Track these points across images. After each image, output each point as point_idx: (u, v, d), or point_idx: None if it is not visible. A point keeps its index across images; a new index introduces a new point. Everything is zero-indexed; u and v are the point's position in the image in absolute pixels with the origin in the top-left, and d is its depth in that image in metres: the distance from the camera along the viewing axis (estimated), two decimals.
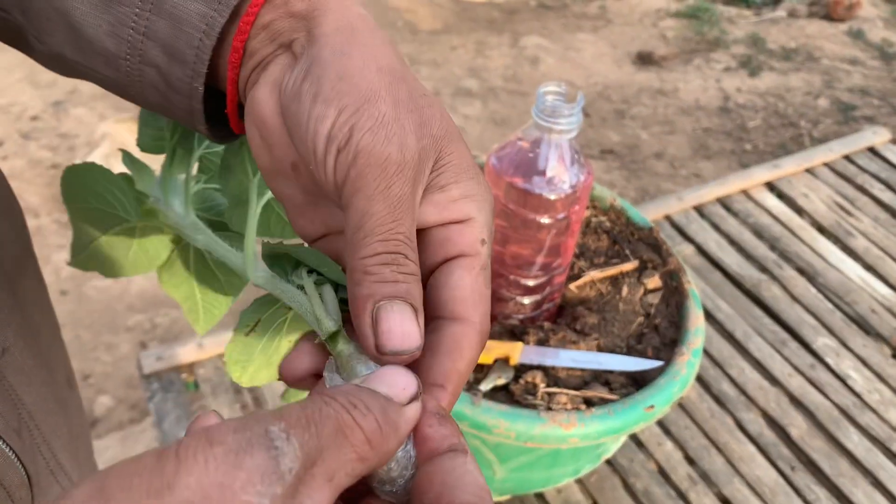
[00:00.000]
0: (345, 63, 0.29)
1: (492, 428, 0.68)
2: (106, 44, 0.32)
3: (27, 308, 0.44)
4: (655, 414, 0.71)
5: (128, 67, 0.32)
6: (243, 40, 0.31)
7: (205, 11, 0.30)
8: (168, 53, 0.31)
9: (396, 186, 0.27)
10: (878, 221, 1.38)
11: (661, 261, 0.84)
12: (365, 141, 0.28)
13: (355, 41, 0.30)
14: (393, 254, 0.27)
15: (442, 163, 0.29)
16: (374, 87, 0.29)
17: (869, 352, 1.16)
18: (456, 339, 0.28)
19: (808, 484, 1.00)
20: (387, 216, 0.27)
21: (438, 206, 0.29)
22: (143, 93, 0.33)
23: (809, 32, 3.11)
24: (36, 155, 2.36)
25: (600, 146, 2.50)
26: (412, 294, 0.27)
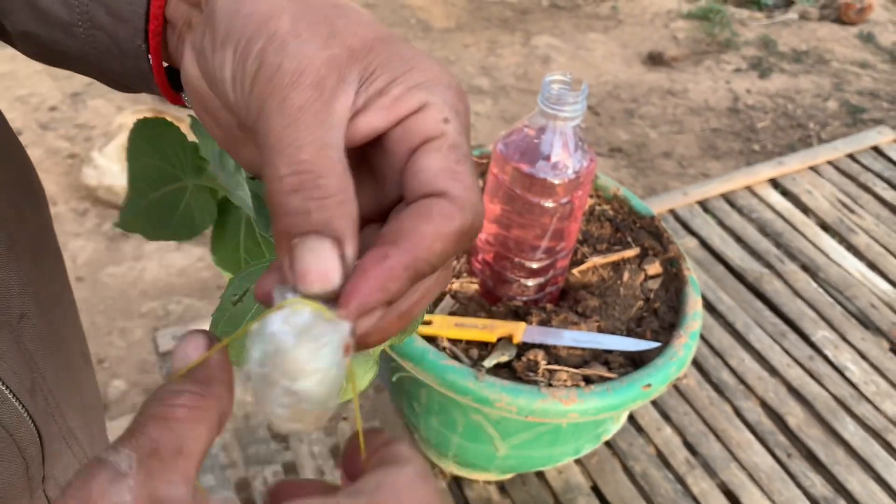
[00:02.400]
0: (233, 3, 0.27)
1: (494, 402, 0.71)
2: (59, 12, 0.32)
3: (46, 280, 0.45)
4: (652, 392, 0.74)
5: (83, 34, 0.32)
6: (161, 6, 0.30)
7: None
8: (112, 14, 0.31)
9: (293, 97, 0.24)
10: (879, 219, 1.40)
11: (662, 248, 0.87)
12: (255, 63, 0.25)
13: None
14: (300, 174, 0.24)
15: (371, 69, 0.26)
16: (270, 10, 0.26)
17: (867, 345, 1.18)
18: (423, 204, 0.25)
19: (803, 471, 1.02)
20: (286, 129, 0.24)
21: (384, 108, 0.26)
22: (102, 61, 0.33)
23: (820, 35, 3.13)
24: (54, 145, 2.40)
25: (609, 144, 2.53)
26: (330, 224, 0.24)
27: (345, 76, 0.26)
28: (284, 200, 0.24)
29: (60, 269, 0.50)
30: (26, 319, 0.41)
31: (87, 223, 2.15)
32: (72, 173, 2.29)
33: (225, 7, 0.27)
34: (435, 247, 0.24)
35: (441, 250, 0.24)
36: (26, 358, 0.41)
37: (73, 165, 2.32)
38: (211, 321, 0.36)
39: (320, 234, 0.24)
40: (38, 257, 0.44)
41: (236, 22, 0.26)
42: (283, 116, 0.24)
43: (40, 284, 0.44)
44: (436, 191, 0.25)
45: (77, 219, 2.16)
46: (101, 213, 2.19)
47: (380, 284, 0.23)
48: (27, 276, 0.41)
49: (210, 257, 0.49)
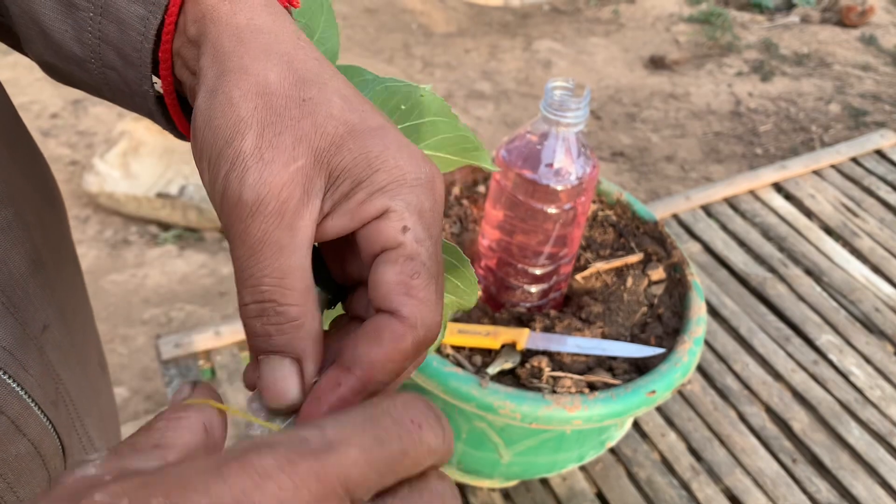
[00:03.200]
0: (212, 104, 0.27)
1: (498, 409, 0.70)
2: (73, 48, 0.32)
3: (66, 291, 0.45)
4: (656, 399, 0.73)
5: (95, 70, 0.33)
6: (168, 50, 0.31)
7: (143, 13, 0.30)
8: (122, 56, 0.31)
9: (254, 227, 0.26)
10: (883, 223, 1.39)
11: (666, 253, 0.87)
12: (220, 187, 0.26)
13: (227, 69, 0.28)
14: (261, 303, 0.26)
15: (337, 173, 0.27)
16: (235, 126, 0.27)
17: (872, 349, 1.17)
18: (375, 326, 0.26)
19: (808, 476, 1.02)
20: (248, 261, 0.26)
21: (348, 213, 0.27)
22: (116, 97, 0.34)
23: (822, 38, 3.13)
24: (55, 152, 2.40)
25: (611, 148, 2.53)
26: (290, 345, 0.26)
27: (310, 189, 0.26)
28: (249, 324, 0.26)
29: (79, 279, 0.50)
30: (48, 331, 0.41)
31: (88, 230, 2.15)
32: (73, 180, 2.29)
33: (201, 113, 0.28)
34: (386, 368, 0.26)
35: (392, 369, 0.26)
36: (49, 369, 0.41)
37: (75, 172, 2.32)
38: None
39: (282, 354, 0.26)
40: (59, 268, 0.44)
41: (207, 135, 0.27)
42: (244, 247, 0.26)
43: (61, 295, 0.44)
44: (389, 308, 0.26)
45: (79, 226, 2.16)
46: (103, 219, 2.19)
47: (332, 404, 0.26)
48: (50, 287, 0.41)
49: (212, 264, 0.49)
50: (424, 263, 0.27)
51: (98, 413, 0.49)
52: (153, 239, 2.14)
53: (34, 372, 0.39)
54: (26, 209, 0.39)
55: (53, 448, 0.41)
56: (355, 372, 0.26)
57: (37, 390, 0.38)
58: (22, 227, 0.38)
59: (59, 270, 0.44)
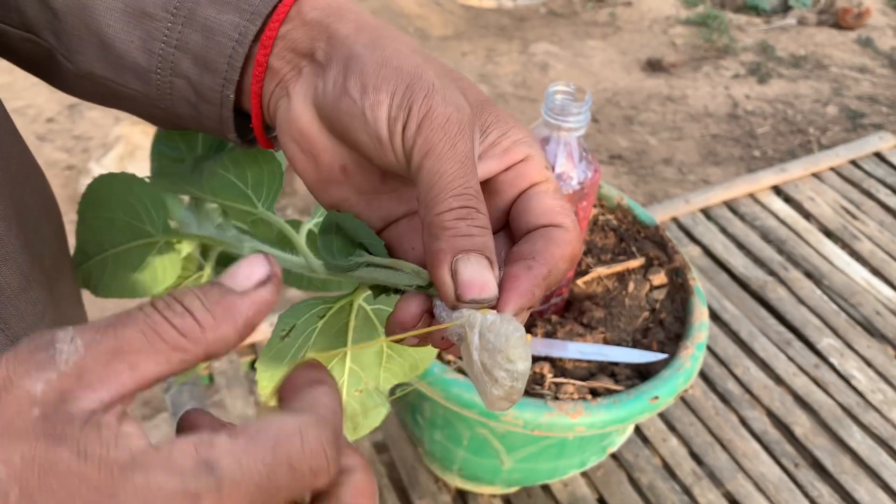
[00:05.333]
0: (380, 53, 0.31)
1: (500, 416, 0.70)
2: (137, 58, 0.33)
3: (63, 305, 0.45)
4: (659, 405, 0.73)
5: (158, 80, 0.34)
6: (266, 55, 0.33)
7: (237, 22, 0.32)
8: (200, 64, 0.33)
9: (461, 144, 0.29)
10: (883, 225, 1.39)
11: (667, 258, 0.86)
12: (424, 108, 0.30)
13: (381, 34, 0.32)
14: (466, 208, 0.29)
15: (486, 123, 0.32)
16: (416, 65, 0.31)
17: (873, 353, 1.17)
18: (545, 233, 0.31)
19: (811, 481, 1.01)
20: (457, 172, 0.29)
21: (496, 157, 0.32)
22: (173, 105, 0.35)
23: (818, 40, 3.13)
24: (51, 157, 2.39)
25: (609, 151, 2.52)
26: (487, 247, 0.29)
27: (477, 128, 0.31)
28: (454, 224, 0.29)
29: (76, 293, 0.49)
30: None
31: None
32: (69, 185, 2.28)
33: (369, 58, 0.31)
34: (560, 264, 0.30)
35: (564, 268, 0.30)
36: None
37: (71, 177, 2.31)
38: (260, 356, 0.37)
39: (480, 253, 0.29)
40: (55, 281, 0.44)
41: (387, 72, 0.31)
42: (454, 161, 0.29)
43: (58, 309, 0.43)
44: (554, 223, 0.31)
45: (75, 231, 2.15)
46: None
47: (529, 288, 0.29)
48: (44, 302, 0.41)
49: None
50: (564, 195, 0.33)
51: None
52: None
53: None
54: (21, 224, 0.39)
55: None
56: (539, 259, 0.29)
57: None
58: (15, 242, 0.37)
59: (56, 284, 0.44)
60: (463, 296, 0.28)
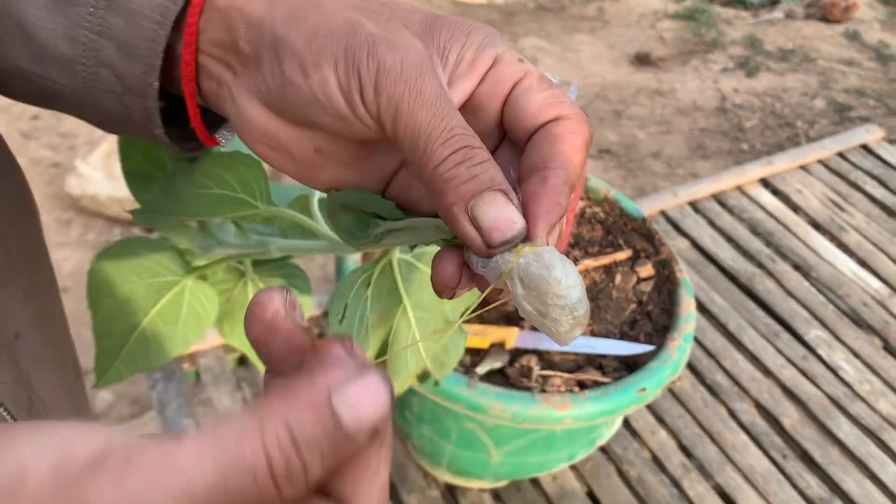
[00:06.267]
0: (304, 26, 0.29)
1: (488, 409, 0.69)
2: (61, 48, 0.31)
3: (40, 298, 0.44)
4: (647, 397, 0.73)
5: (84, 72, 0.32)
6: (192, 52, 0.31)
7: (160, 2, 0.30)
8: (123, 51, 0.31)
9: (426, 86, 0.27)
10: (870, 217, 1.39)
11: (654, 250, 0.86)
12: (373, 66, 0.27)
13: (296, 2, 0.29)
14: (459, 150, 0.27)
15: (441, 45, 0.30)
16: (346, 21, 0.28)
17: (860, 344, 1.17)
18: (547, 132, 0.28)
19: (799, 472, 1.01)
20: (434, 118, 0.27)
21: (464, 75, 0.30)
22: (101, 100, 0.33)
23: (806, 34, 3.14)
24: (37, 154, 2.37)
25: (598, 146, 2.52)
26: (496, 179, 0.27)
27: (435, 62, 0.29)
28: (454, 173, 0.27)
29: (53, 285, 0.48)
30: (21, 338, 0.40)
31: (71, 233, 2.12)
32: (55, 182, 2.26)
33: (295, 35, 0.29)
34: (575, 159, 0.28)
35: (579, 161, 0.28)
36: (22, 378, 0.39)
37: (57, 175, 2.29)
38: None
39: (492, 189, 0.27)
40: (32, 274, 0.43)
41: (319, 43, 0.28)
42: (426, 108, 0.27)
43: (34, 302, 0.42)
44: (551, 118, 0.28)
45: (61, 229, 2.13)
46: (86, 222, 2.17)
47: (553, 202, 0.27)
48: (23, 294, 0.40)
49: None
50: (551, 81, 0.30)
51: None
52: None
53: (6, 380, 0.37)
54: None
55: None
56: (552, 165, 0.27)
57: (9, 399, 0.37)
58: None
59: (33, 277, 0.43)
60: (492, 242, 0.26)
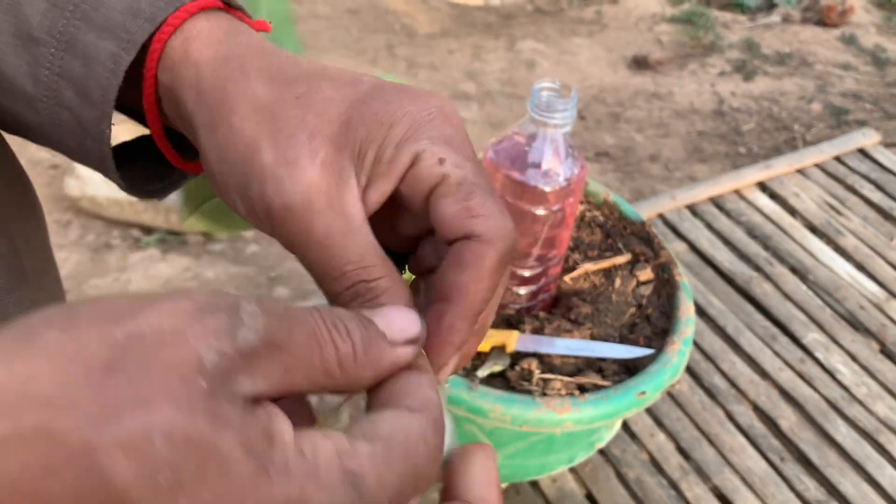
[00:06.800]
0: (216, 139, 0.28)
1: (488, 412, 0.70)
2: (25, 85, 0.31)
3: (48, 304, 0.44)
4: (647, 400, 0.73)
5: (46, 110, 0.32)
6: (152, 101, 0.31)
7: (114, 50, 0.29)
8: (81, 94, 0.30)
9: (315, 227, 0.27)
10: (867, 221, 1.40)
11: (653, 254, 0.87)
12: (262, 208, 0.27)
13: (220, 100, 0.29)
14: (352, 287, 0.27)
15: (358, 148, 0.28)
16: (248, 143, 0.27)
17: (857, 347, 1.18)
18: (456, 254, 0.27)
19: (797, 474, 1.02)
20: (323, 257, 0.27)
21: (384, 175, 0.28)
22: (63, 139, 0.33)
23: (803, 38, 3.15)
24: (35, 155, 2.37)
25: (595, 148, 2.53)
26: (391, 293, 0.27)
27: (341, 173, 0.27)
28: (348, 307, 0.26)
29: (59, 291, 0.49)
30: None
31: (70, 234, 2.13)
32: (54, 184, 2.26)
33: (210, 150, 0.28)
34: (480, 287, 0.27)
35: (487, 286, 0.27)
36: None
37: (56, 176, 2.29)
38: None
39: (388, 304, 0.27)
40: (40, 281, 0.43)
41: (224, 168, 0.28)
42: (315, 248, 0.27)
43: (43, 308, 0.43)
44: (460, 235, 0.27)
45: (60, 230, 2.13)
46: (85, 224, 2.17)
47: (446, 340, 0.27)
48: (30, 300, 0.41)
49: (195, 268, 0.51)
50: (474, 182, 0.27)
51: None
52: (136, 243, 2.12)
53: None
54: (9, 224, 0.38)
55: None
56: (453, 300, 0.27)
57: None
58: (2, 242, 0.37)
59: (41, 283, 0.43)
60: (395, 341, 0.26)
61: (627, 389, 0.72)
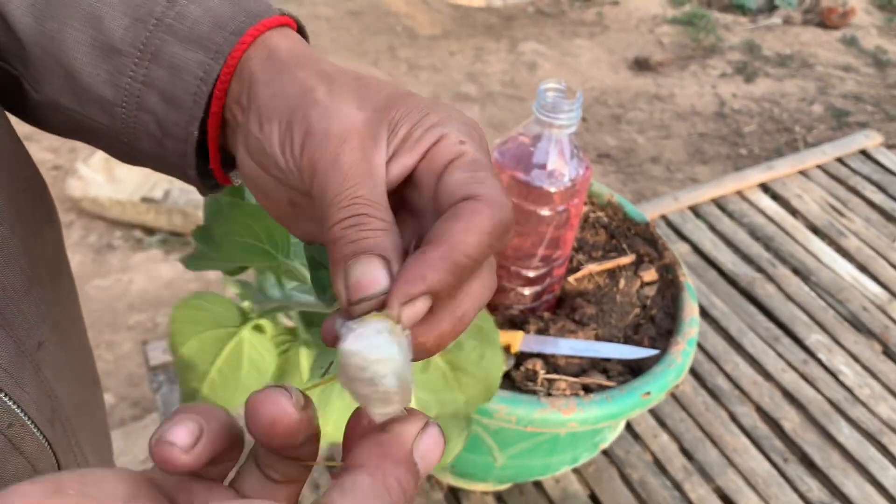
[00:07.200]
0: (273, 85, 0.32)
1: (493, 413, 0.70)
2: (103, 91, 0.34)
3: (61, 306, 0.44)
4: (651, 400, 0.73)
5: (124, 114, 0.34)
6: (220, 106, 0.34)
7: (203, 60, 0.33)
8: (166, 100, 0.33)
9: (345, 156, 0.29)
10: (869, 222, 1.40)
11: (657, 254, 0.87)
12: (302, 128, 0.30)
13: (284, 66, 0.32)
14: (355, 216, 0.28)
15: (395, 122, 0.30)
16: (304, 86, 0.31)
17: (860, 348, 1.18)
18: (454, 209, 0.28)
19: (800, 475, 1.02)
20: (341, 184, 0.29)
21: (409, 150, 0.30)
22: (136, 139, 0.35)
23: (804, 39, 3.15)
24: (37, 157, 2.38)
25: (597, 150, 2.53)
26: (380, 246, 0.27)
27: (376, 135, 0.30)
28: (343, 234, 0.28)
29: (73, 293, 0.49)
30: (44, 347, 0.40)
31: (72, 235, 2.13)
32: (56, 185, 2.26)
33: (265, 91, 0.32)
34: (469, 239, 0.27)
35: (475, 241, 0.27)
36: (45, 386, 0.40)
37: (58, 177, 2.29)
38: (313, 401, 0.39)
39: (370, 252, 0.27)
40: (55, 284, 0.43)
41: (277, 101, 0.31)
42: (338, 174, 0.29)
43: (57, 311, 0.43)
44: (462, 197, 0.28)
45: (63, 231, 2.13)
46: (87, 224, 2.17)
47: (419, 273, 0.26)
48: (45, 303, 0.41)
49: None
50: (486, 165, 0.29)
51: (92, 429, 0.48)
52: (138, 244, 2.12)
53: (30, 389, 0.38)
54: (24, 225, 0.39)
55: (50, 466, 0.40)
56: (437, 241, 0.27)
57: (33, 408, 0.38)
58: (19, 243, 0.37)
59: (55, 286, 0.44)
60: (351, 298, 0.27)
61: (632, 390, 0.73)
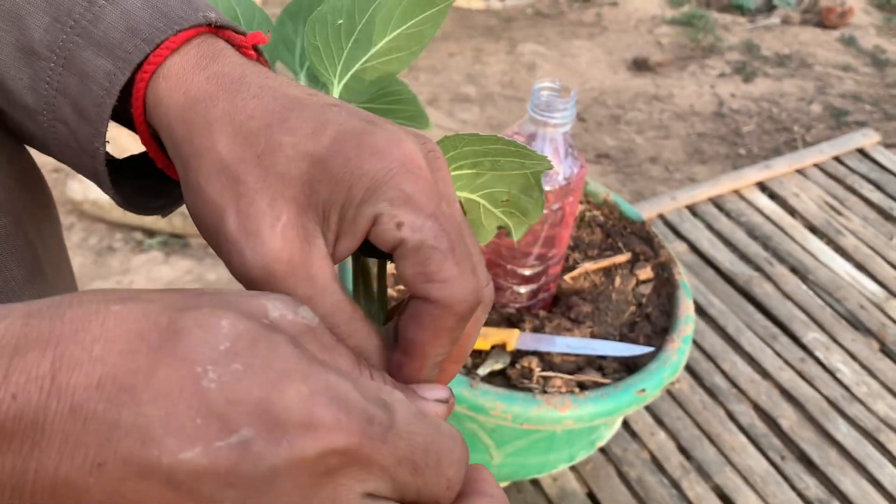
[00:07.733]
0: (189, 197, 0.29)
1: (489, 410, 0.70)
2: (26, 97, 0.31)
3: None
4: (647, 398, 0.74)
5: (45, 123, 0.32)
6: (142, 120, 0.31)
7: (109, 68, 0.29)
8: (77, 111, 0.31)
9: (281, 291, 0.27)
10: (867, 221, 1.40)
11: (653, 253, 0.87)
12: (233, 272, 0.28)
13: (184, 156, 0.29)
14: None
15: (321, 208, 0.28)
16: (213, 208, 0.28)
17: (857, 346, 1.18)
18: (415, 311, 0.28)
19: (797, 473, 1.02)
20: None
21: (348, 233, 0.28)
22: (62, 152, 0.33)
23: (803, 39, 3.15)
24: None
25: (596, 150, 2.54)
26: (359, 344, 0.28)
27: (306, 234, 0.27)
28: None
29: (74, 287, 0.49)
30: None
31: (73, 237, 2.13)
32: (57, 187, 2.27)
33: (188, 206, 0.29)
34: (436, 346, 0.28)
35: (443, 343, 0.28)
36: None
37: (58, 179, 2.30)
38: None
39: None
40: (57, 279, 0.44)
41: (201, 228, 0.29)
42: None
43: None
44: (420, 296, 0.27)
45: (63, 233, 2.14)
46: (87, 227, 2.18)
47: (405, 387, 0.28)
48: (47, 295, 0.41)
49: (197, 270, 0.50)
50: (433, 247, 0.27)
51: None
52: (138, 245, 2.13)
53: None
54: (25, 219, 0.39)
55: None
56: (410, 354, 0.28)
57: None
58: (21, 236, 0.37)
59: (57, 282, 0.44)
60: None
61: (627, 387, 0.73)
